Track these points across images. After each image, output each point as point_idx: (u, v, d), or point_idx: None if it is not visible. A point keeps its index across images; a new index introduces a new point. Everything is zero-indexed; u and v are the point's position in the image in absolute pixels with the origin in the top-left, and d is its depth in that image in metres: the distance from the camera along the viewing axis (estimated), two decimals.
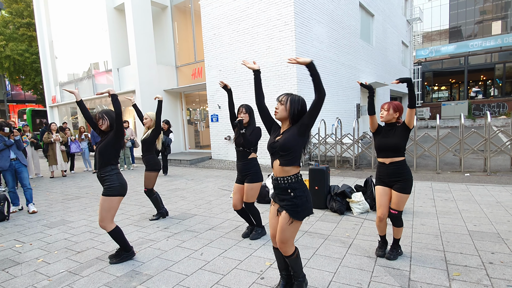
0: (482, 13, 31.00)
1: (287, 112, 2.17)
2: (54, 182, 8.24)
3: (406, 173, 2.86)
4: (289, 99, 2.18)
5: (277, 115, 2.22)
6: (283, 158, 2.15)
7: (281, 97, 2.21)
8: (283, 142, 2.14)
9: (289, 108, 2.17)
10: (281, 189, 2.20)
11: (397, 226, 2.91)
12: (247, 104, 3.51)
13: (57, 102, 16.20)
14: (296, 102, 2.18)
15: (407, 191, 2.84)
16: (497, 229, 3.53)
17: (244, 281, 2.64)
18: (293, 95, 2.21)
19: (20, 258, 3.33)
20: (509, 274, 2.55)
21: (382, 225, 2.97)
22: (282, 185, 2.18)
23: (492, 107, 20.91)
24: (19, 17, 20.79)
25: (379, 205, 2.94)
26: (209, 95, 10.51)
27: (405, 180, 2.84)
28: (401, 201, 2.84)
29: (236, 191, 3.57)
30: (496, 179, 5.98)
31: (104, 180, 3.01)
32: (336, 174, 7.30)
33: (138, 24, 11.19)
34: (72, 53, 14.66)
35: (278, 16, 8.49)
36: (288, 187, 2.16)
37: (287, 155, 2.14)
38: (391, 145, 2.87)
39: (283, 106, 2.18)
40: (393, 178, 2.87)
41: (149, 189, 4.47)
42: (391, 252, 2.96)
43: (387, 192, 2.91)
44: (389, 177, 2.89)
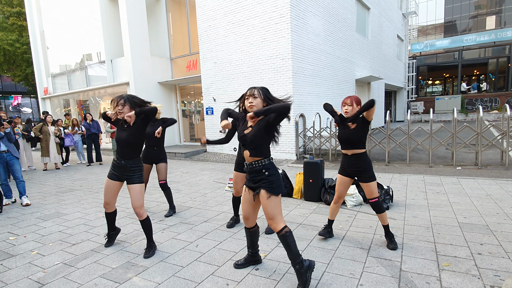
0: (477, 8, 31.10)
1: (262, 104, 2.34)
2: (47, 174, 8.17)
3: (366, 164, 3.03)
4: (261, 91, 2.35)
5: (254, 109, 2.31)
6: (253, 150, 2.35)
7: (253, 92, 2.34)
8: (251, 139, 2.31)
9: (263, 100, 2.33)
10: (256, 171, 2.38)
11: (380, 212, 3.01)
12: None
13: (49, 94, 15.95)
14: (266, 91, 2.37)
15: (372, 179, 3.01)
16: (486, 221, 3.61)
17: (239, 272, 2.68)
18: (258, 87, 2.37)
19: (15, 251, 3.33)
20: (496, 265, 2.62)
21: (334, 207, 3.23)
22: (257, 167, 2.37)
23: (484, 102, 21.14)
24: (8, 6, 20.28)
25: (338, 191, 3.17)
26: (204, 87, 10.44)
27: (366, 170, 3.00)
28: (373, 189, 3.00)
29: (239, 180, 3.63)
30: (487, 172, 6.09)
31: (134, 170, 3.05)
32: (330, 167, 7.37)
33: (131, 15, 11.01)
34: (64, 44, 14.40)
35: (274, 8, 8.43)
36: (262, 168, 2.36)
37: (257, 148, 2.34)
38: (352, 138, 3.01)
39: (258, 99, 2.32)
40: (354, 169, 3.04)
41: (165, 182, 4.31)
42: (390, 242, 3.03)
43: (347, 182, 3.11)
44: (351, 168, 3.05)
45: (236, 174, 3.66)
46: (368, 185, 2.99)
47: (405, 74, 21.81)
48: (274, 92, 9.30)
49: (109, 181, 3.10)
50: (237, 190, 3.69)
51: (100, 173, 7.97)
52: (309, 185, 4.71)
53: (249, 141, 2.31)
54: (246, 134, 2.34)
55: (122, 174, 3.05)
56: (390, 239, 3.04)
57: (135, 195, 3.02)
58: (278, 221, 2.34)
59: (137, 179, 3.04)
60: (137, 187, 3.03)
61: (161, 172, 4.29)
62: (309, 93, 9.31)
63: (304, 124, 8.97)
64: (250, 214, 2.56)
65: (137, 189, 3.03)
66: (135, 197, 3.02)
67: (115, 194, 3.17)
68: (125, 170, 3.04)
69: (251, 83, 9.15)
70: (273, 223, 2.35)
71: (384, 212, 3.02)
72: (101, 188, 6.26)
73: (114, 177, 3.08)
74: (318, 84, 9.85)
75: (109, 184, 3.10)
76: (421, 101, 22.76)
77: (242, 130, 2.39)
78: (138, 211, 3.02)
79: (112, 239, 3.39)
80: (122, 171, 3.05)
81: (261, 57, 8.86)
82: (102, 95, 13.90)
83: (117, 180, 3.08)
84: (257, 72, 9.01)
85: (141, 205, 3.04)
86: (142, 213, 3.03)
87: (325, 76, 10.24)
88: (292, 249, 2.34)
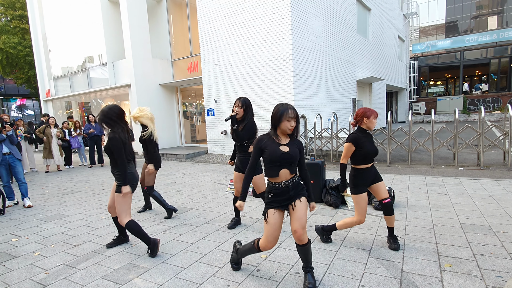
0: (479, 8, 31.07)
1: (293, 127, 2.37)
2: (49, 176, 8.20)
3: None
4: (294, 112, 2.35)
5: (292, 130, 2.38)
6: (292, 167, 2.36)
7: (294, 114, 2.33)
8: (294, 156, 2.33)
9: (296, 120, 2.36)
10: (296, 186, 2.39)
11: (391, 214, 2.99)
12: (245, 98, 3.51)
13: (51, 96, 16.03)
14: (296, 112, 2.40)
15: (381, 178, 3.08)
16: (488, 222, 3.60)
17: (240, 273, 2.68)
18: (294, 108, 2.37)
19: (17, 252, 3.34)
20: (499, 266, 2.61)
21: (351, 225, 3.11)
22: (296, 181, 2.40)
23: (487, 102, 21.07)
24: (11, 9, 20.42)
25: (364, 212, 2.95)
26: (205, 89, 10.46)
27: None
28: (385, 188, 3.04)
29: (239, 180, 3.65)
30: (489, 173, 6.07)
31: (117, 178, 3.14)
32: (331, 168, 7.36)
33: (133, 17, 11.06)
34: (66, 46, 14.47)
35: (274, 10, 8.44)
36: (299, 180, 2.44)
37: (295, 165, 2.39)
38: (376, 152, 3.00)
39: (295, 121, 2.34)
40: (373, 176, 3.02)
41: (149, 187, 4.35)
42: (393, 242, 3.02)
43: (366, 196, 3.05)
44: (371, 177, 3.01)
45: (236, 174, 3.67)
46: (383, 183, 3.03)
47: (407, 75, 21.78)
48: (275, 93, 9.29)
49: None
50: (237, 189, 3.70)
51: (101, 175, 7.99)
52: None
53: (293, 159, 2.32)
54: (288, 152, 2.32)
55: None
56: (394, 240, 3.04)
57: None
58: (305, 231, 2.38)
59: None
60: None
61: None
62: (310, 94, 9.32)
63: (305, 125, 8.97)
64: (278, 234, 2.43)
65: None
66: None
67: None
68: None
69: (252, 84, 9.17)
70: (305, 233, 2.34)
71: (394, 214, 3.01)
72: (103, 189, 6.28)
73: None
74: (319, 85, 9.85)
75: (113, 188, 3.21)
76: (423, 102, 22.70)
77: (278, 148, 2.31)
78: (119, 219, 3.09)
79: (117, 242, 3.39)
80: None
81: (262, 58, 8.88)
82: (104, 97, 13.95)
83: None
84: (258, 74, 9.02)
85: (119, 213, 3.05)
86: (121, 220, 3.05)
87: (326, 77, 10.24)
88: (311, 255, 2.45)
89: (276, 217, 2.37)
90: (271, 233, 2.38)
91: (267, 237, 2.40)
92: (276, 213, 2.38)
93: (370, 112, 2.94)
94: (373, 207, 4.31)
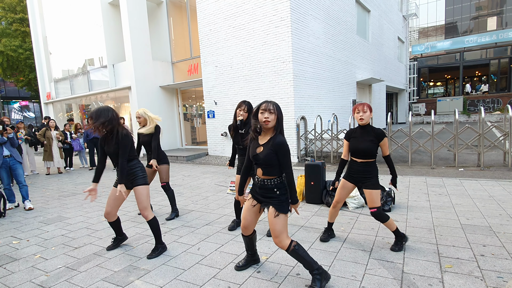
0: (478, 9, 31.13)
1: (275, 122, 2.30)
2: (50, 179, 8.21)
3: (374, 171, 3.00)
4: (276, 108, 2.29)
5: (269, 124, 2.28)
6: (266, 169, 2.34)
7: (269, 106, 2.27)
8: (264, 159, 2.30)
9: (277, 118, 2.29)
10: (267, 189, 2.40)
11: (384, 221, 2.93)
12: (249, 102, 3.58)
13: (52, 99, 16.06)
14: (280, 110, 2.33)
15: (376, 187, 2.95)
16: (489, 222, 3.60)
17: (240, 275, 2.68)
18: (275, 103, 2.31)
19: (18, 254, 3.34)
20: (499, 266, 2.61)
21: (334, 211, 3.25)
22: (268, 185, 2.38)
23: (487, 103, 21.07)
24: (12, 12, 20.50)
25: (338, 199, 3.16)
26: (205, 91, 10.48)
27: (373, 177, 2.97)
28: (375, 198, 2.92)
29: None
30: (490, 173, 6.07)
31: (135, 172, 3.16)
32: (332, 170, 7.36)
33: (133, 20, 11.10)
34: (66, 49, 14.52)
35: (274, 12, 8.47)
36: (274, 187, 2.37)
37: (269, 167, 2.33)
38: (365, 150, 2.95)
39: (273, 115, 2.27)
40: (361, 175, 3.00)
41: (167, 183, 4.38)
42: (395, 245, 3.02)
43: (349, 188, 3.10)
44: (358, 174, 3.02)
45: (237, 177, 3.67)
46: (371, 192, 2.92)
47: (406, 76, 21.80)
48: (275, 95, 9.29)
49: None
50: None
51: (102, 177, 7.97)
52: (311, 187, 4.70)
53: (261, 161, 2.31)
54: (258, 153, 2.33)
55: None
56: (400, 243, 3.01)
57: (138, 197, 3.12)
58: (284, 238, 2.36)
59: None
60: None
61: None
62: (310, 95, 9.33)
63: (305, 127, 8.98)
64: (251, 223, 2.59)
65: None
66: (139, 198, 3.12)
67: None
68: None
69: (252, 86, 9.18)
70: (280, 242, 2.36)
71: (388, 219, 2.94)
72: (103, 191, 6.28)
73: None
74: (319, 86, 9.87)
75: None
76: (423, 103, 22.71)
77: (255, 148, 2.37)
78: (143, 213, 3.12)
79: (116, 244, 3.41)
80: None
81: (262, 60, 8.90)
82: (104, 100, 13.98)
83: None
84: (258, 75, 9.04)
85: (145, 207, 3.11)
86: (147, 215, 3.12)
87: (326, 78, 10.25)
88: (306, 259, 2.38)
89: (249, 202, 2.55)
90: (244, 216, 2.58)
91: (242, 217, 2.61)
92: (250, 200, 2.55)
93: (354, 107, 3.00)
94: None
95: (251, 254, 2.80)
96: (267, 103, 2.29)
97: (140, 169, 3.16)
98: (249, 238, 2.69)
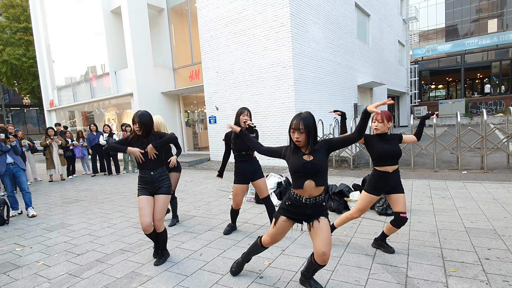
0: (478, 11, 31.19)
1: (307, 139, 2.15)
2: (53, 186, 8.24)
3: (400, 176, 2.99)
4: (306, 125, 2.11)
5: (301, 144, 2.17)
6: (319, 178, 2.16)
7: (299, 125, 2.12)
8: (319, 165, 2.13)
9: (308, 135, 2.14)
10: (317, 206, 2.24)
11: (399, 227, 2.92)
12: (248, 108, 3.63)
13: (55, 106, 16.19)
14: (313, 124, 2.15)
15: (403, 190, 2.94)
16: (493, 225, 3.56)
17: (243, 281, 2.66)
18: (306, 118, 2.13)
19: (21, 261, 3.35)
20: (505, 270, 2.58)
21: (347, 220, 3.18)
22: (319, 202, 2.24)
23: (489, 105, 21.01)
24: (16, 21, 20.81)
25: (363, 211, 3.01)
26: (206, 96, 10.53)
27: (400, 181, 2.95)
28: (405, 201, 2.90)
29: (240, 192, 3.68)
30: (493, 176, 6.03)
31: (163, 179, 3.08)
32: (334, 174, 7.34)
33: (134, 27, 11.22)
34: (69, 57, 14.67)
35: (274, 18, 8.53)
36: (322, 201, 2.26)
37: (322, 175, 2.17)
38: (398, 151, 2.86)
39: (303, 134, 2.13)
40: (393, 184, 2.88)
41: (173, 192, 4.30)
42: (388, 246, 3.06)
43: (374, 200, 2.97)
44: (391, 185, 2.87)
45: (236, 186, 3.68)
46: (403, 196, 2.86)
47: (408, 79, 21.80)
48: (276, 100, 9.31)
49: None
50: (237, 203, 3.72)
51: (105, 184, 8.02)
52: None
53: (317, 168, 2.12)
54: (310, 161, 2.13)
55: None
56: (387, 244, 3.10)
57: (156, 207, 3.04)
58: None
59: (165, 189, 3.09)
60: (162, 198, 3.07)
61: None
62: (311, 100, 9.35)
63: None
64: (281, 239, 2.49)
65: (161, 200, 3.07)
66: (156, 209, 3.03)
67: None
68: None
69: (253, 91, 9.22)
70: (329, 251, 2.21)
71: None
72: (106, 198, 6.29)
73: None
74: (320, 91, 9.89)
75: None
76: (425, 106, 22.68)
77: (299, 157, 2.17)
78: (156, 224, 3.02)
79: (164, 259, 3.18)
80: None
81: (263, 65, 8.94)
82: (106, 106, 14.07)
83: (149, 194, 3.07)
84: (259, 81, 9.08)
85: (160, 217, 3.03)
86: (160, 227, 3.04)
87: (326, 83, 10.28)
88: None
89: (283, 225, 2.36)
90: (274, 236, 2.45)
91: (270, 237, 2.47)
92: (284, 223, 2.35)
93: (374, 115, 2.89)
94: (376, 212, 4.29)
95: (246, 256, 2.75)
96: (298, 121, 2.12)
97: (167, 177, 3.11)
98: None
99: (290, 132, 2.20)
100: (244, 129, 2.75)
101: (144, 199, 2.97)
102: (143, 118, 2.96)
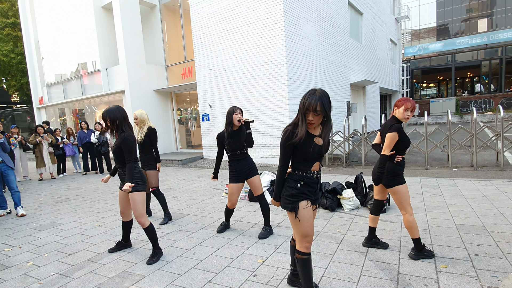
0: (469, 11, 31.63)
1: (321, 121, 2.05)
2: (43, 184, 8.10)
3: None
4: (324, 106, 1.94)
5: (314, 125, 2.04)
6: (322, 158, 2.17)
7: (317, 106, 1.93)
8: (327, 147, 2.11)
9: (324, 117, 2.02)
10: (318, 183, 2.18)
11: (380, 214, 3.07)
12: (239, 107, 3.68)
13: (45, 103, 15.90)
14: (328, 104, 1.98)
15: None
16: (483, 222, 3.63)
17: (236, 279, 2.66)
18: (322, 98, 1.96)
19: (10, 262, 3.28)
20: (494, 265, 2.63)
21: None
22: (320, 177, 2.20)
23: (479, 104, 21.36)
24: (3, 17, 20.33)
25: (408, 200, 2.88)
26: (199, 94, 10.47)
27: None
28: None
29: (236, 192, 3.65)
30: (483, 173, 6.13)
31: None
32: (327, 171, 7.37)
33: (126, 23, 11.06)
34: (59, 53, 14.39)
35: (267, 15, 8.51)
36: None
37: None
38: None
39: (319, 116, 1.99)
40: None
41: (157, 188, 4.30)
42: (379, 242, 3.15)
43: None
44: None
45: (232, 186, 3.64)
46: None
47: (400, 78, 22.01)
48: (270, 98, 9.28)
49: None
50: (232, 202, 3.69)
51: (96, 182, 7.92)
52: None
53: (325, 151, 2.11)
54: (322, 145, 2.08)
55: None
56: (378, 240, 3.16)
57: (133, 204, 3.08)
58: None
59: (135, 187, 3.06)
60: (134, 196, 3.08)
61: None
62: None
63: None
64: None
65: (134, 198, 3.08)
66: (133, 206, 3.07)
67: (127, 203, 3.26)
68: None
69: (247, 89, 9.19)
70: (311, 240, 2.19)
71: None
72: (97, 197, 6.22)
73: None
74: None
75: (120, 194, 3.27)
76: (416, 104, 22.92)
77: (312, 142, 2.04)
78: (139, 220, 3.08)
79: (119, 248, 3.41)
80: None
81: (256, 63, 8.92)
82: (97, 104, 13.87)
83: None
84: (252, 78, 9.05)
85: (140, 214, 3.06)
86: (143, 223, 3.08)
87: (320, 81, 10.30)
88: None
89: (310, 212, 2.11)
90: (308, 231, 2.09)
91: (304, 236, 2.09)
92: (309, 209, 2.11)
93: (402, 102, 2.78)
94: (368, 210, 4.32)
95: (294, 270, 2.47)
96: (315, 102, 1.93)
97: (138, 173, 3.10)
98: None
99: (303, 114, 2.00)
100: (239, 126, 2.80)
101: (120, 192, 3.25)
102: (111, 114, 3.01)
